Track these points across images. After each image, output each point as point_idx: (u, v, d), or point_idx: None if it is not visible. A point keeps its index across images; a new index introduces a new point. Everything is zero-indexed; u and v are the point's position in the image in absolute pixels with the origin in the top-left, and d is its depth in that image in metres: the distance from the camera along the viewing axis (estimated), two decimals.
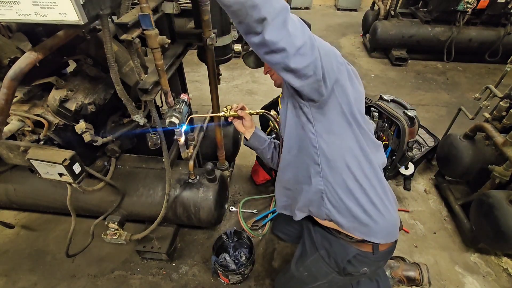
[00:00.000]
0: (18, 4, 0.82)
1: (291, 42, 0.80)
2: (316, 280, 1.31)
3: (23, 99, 1.36)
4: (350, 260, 1.20)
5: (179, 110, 1.22)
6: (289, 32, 0.79)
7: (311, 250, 1.31)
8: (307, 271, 1.33)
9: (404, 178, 2.33)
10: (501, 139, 1.76)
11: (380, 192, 1.12)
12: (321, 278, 1.30)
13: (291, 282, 1.41)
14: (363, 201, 1.09)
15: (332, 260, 1.24)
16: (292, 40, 0.80)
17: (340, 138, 1.05)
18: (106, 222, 1.56)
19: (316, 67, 0.87)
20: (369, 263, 1.20)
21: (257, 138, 1.41)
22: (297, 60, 0.84)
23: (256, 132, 1.42)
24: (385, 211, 1.11)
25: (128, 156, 1.80)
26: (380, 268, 1.38)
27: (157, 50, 1.04)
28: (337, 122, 1.03)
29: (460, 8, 3.55)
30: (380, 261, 1.23)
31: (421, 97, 3.46)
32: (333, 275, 1.26)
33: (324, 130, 1.04)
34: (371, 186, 1.10)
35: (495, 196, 1.65)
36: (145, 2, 0.92)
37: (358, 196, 1.09)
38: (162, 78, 1.14)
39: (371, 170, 1.11)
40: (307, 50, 0.84)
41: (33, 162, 1.16)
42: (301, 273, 1.34)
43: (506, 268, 1.83)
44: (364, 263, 1.20)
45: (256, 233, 1.97)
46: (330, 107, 1.00)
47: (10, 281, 1.74)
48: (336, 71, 0.96)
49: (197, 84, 3.53)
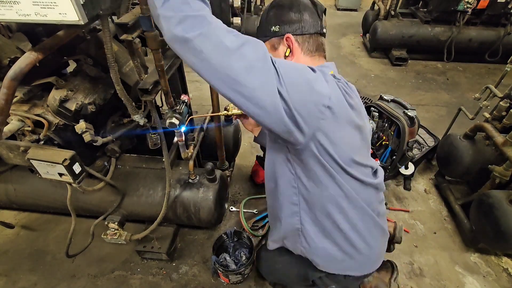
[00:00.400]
0: (18, 4, 0.82)
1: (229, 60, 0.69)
2: (287, 277, 1.34)
3: (23, 99, 1.36)
4: (320, 277, 1.16)
5: (179, 111, 1.23)
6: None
7: (291, 253, 1.24)
8: (282, 264, 1.33)
9: (404, 178, 2.33)
10: (501, 139, 1.76)
11: (364, 230, 1.04)
12: (292, 277, 1.31)
13: (269, 261, 1.43)
14: (341, 243, 1.03)
15: (301, 271, 1.21)
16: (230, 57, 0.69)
17: (320, 188, 0.94)
18: (106, 222, 1.56)
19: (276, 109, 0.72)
20: (339, 282, 1.16)
21: (265, 135, 1.38)
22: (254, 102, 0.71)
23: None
24: (365, 249, 1.05)
25: (128, 156, 1.80)
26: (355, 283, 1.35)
27: (157, 51, 1.04)
28: (318, 173, 0.90)
29: (460, 8, 3.54)
30: (353, 282, 1.19)
31: (421, 97, 3.46)
32: (301, 282, 1.26)
33: (303, 175, 0.94)
34: (353, 228, 1.02)
35: (495, 196, 1.65)
36: (144, 3, 0.92)
37: (336, 237, 1.02)
38: (162, 79, 1.14)
39: (355, 213, 1.01)
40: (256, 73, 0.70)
41: (33, 162, 1.16)
42: (276, 261, 1.35)
43: (506, 268, 1.83)
44: (334, 282, 1.16)
45: (256, 233, 1.97)
46: (308, 157, 0.87)
47: (10, 281, 1.74)
48: (318, 118, 0.79)
49: (197, 84, 3.53)
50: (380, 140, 2.32)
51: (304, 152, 0.86)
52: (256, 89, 0.70)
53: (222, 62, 0.69)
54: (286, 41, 0.98)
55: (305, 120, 0.77)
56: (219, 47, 0.68)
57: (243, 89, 0.70)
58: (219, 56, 0.68)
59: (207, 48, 0.68)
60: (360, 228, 1.03)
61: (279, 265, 1.35)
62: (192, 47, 0.68)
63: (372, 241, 1.07)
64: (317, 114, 0.79)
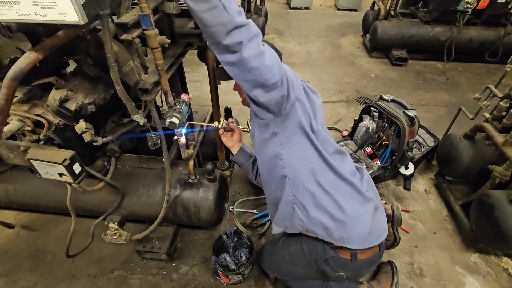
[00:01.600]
0: (18, 4, 0.82)
1: (263, 61, 0.91)
2: (294, 266, 1.39)
3: (23, 99, 1.36)
4: (327, 260, 1.24)
5: (179, 111, 1.22)
6: (262, 52, 0.91)
7: (296, 241, 1.37)
8: (289, 255, 1.41)
9: (404, 178, 2.33)
10: (501, 139, 1.76)
11: (349, 197, 1.16)
12: (298, 266, 1.40)
13: (273, 256, 1.51)
14: (329, 208, 1.14)
15: (312, 257, 1.30)
16: (264, 60, 0.92)
17: (299, 147, 1.14)
18: (106, 222, 1.56)
19: (282, 82, 1.00)
20: (346, 269, 1.23)
21: (243, 153, 1.49)
22: (269, 76, 0.95)
23: (243, 148, 1.50)
24: (355, 215, 1.15)
25: (128, 156, 1.80)
26: (362, 275, 1.41)
27: (157, 50, 1.04)
28: (296, 133, 1.13)
29: (460, 8, 3.55)
30: (360, 269, 1.26)
31: (421, 97, 3.46)
32: (310, 270, 1.33)
33: (286, 141, 1.14)
34: (337, 191, 1.15)
35: (495, 196, 1.65)
36: (145, 2, 0.91)
37: (324, 202, 1.14)
38: (162, 78, 1.14)
39: (336, 177, 1.17)
40: (275, 69, 0.95)
41: (33, 162, 1.16)
42: (284, 254, 1.43)
43: (506, 268, 1.83)
44: (340, 268, 1.24)
45: (255, 232, 1.97)
46: (291, 120, 1.11)
47: (10, 281, 1.74)
48: (296, 89, 1.10)
49: (197, 84, 3.53)
50: (380, 140, 2.33)
51: (288, 118, 1.10)
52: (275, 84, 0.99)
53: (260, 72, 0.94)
54: None
55: (292, 94, 1.08)
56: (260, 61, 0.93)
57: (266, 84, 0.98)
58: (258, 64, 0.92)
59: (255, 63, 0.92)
60: (345, 192, 1.17)
61: (287, 256, 1.41)
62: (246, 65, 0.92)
63: (361, 208, 1.17)
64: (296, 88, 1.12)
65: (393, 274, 1.61)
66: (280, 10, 5.99)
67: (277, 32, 4.99)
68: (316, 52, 4.36)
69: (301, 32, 4.99)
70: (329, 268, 1.25)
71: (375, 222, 1.19)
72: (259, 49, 0.90)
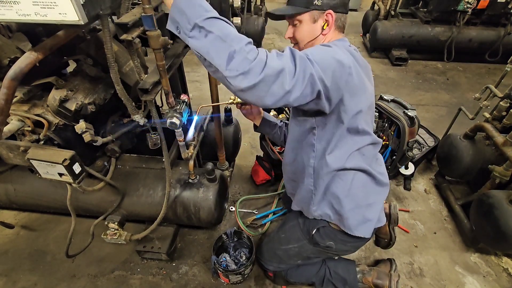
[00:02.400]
0: (18, 4, 0.82)
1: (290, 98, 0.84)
2: (289, 243, 1.45)
3: (23, 99, 1.36)
4: (318, 229, 1.31)
5: (180, 111, 1.23)
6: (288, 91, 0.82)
7: (292, 218, 1.47)
8: (284, 233, 1.49)
9: (404, 178, 2.33)
10: (501, 139, 1.76)
11: (368, 190, 1.22)
12: (293, 242, 1.44)
13: (270, 243, 1.58)
14: (346, 203, 1.19)
15: (305, 228, 1.37)
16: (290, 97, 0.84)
17: (338, 147, 1.12)
18: (106, 222, 1.56)
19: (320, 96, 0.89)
20: (335, 239, 1.31)
21: (267, 123, 1.50)
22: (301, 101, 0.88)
23: (265, 118, 1.50)
24: (368, 204, 1.22)
25: (128, 156, 1.80)
26: (349, 250, 1.45)
27: (159, 51, 1.04)
28: (337, 133, 1.08)
29: (460, 8, 3.55)
30: (347, 242, 1.32)
31: (421, 97, 3.46)
32: (304, 242, 1.40)
33: (322, 137, 1.11)
34: (358, 187, 1.19)
35: (495, 196, 1.65)
36: (147, 2, 0.91)
37: (343, 199, 1.19)
38: (163, 79, 1.14)
39: (362, 173, 1.19)
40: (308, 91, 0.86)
41: (33, 162, 1.16)
42: (279, 235, 1.51)
43: (507, 268, 1.83)
44: (330, 238, 1.31)
45: (255, 232, 1.97)
46: (332, 119, 1.05)
47: (10, 281, 1.74)
48: (342, 88, 0.95)
49: (197, 84, 3.53)
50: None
51: (331, 116, 1.03)
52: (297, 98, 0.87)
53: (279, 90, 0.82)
54: (326, 16, 1.07)
55: (333, 94, 0.93)
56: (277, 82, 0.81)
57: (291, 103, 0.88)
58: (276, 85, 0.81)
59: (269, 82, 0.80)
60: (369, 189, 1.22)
61: (282, 235, 1.49)
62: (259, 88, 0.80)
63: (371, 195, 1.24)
64: (343, 82, 0.95)
65: (391, 262, 1.70)
66: None
67: (277, 32, 4.98)
68: None
69: None
70: (319, 237, 1.32)
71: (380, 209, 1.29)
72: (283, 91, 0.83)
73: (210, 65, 0.80)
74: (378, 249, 1.88)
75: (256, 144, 2.64)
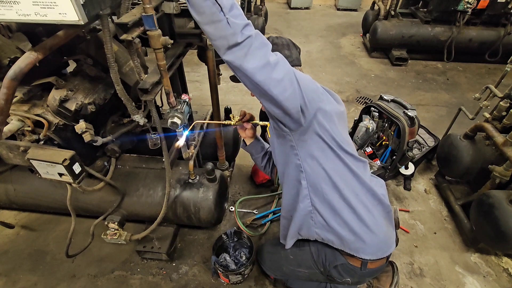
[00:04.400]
0: (18, 4, 0.82)
1: (270, 74, 0.87)
2: (299, 267, 1.38)
3: (23, 99, 1.36)
4: (336, 266, 1.24)
5: (181, 111, 1.23)
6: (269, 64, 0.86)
7: (304, 243, 1.36)
8: (294, 256, 1.40)
9: (404, 178, 2.33)
10: (501, 139, 1.76)
11: (371, 207, 1.16)
12: (303, 267, 1.37)
13: (275, 256, 1.50)
14: (350, 220, 1.13)
15: (320, 260, 1.29)
16: (271, 73, 0.87)
17: (322, 161, 1.11)
18: (106, 222, 1.56)
19: (295, 97, 0.94)
20: (354, 275, 1.24)
21: (255, 146, 1.49)
22: (277, 91, 0.89)
23: (257, 141, 1.48)
24: (375, 227, 1.15)
25: (128, 156, 1.80)
26: (365, 281, 1.43)
27: (159, 50, 1.04)
28: (319, 147, 1.09)
29: (460, 8, 3.55)
30: (366, 276, 1.27)
31: (421, 97, 3.46)
32: (316, 271, 1.34)
33: (307, 155, 1.10)
34: (361, 203, 1.14)
35: (495, 196, 1.65)
36: (148, 2, 0.91)
37: (345, 215, 1.14)
38: (164, 79, 1.14)
39: (360, 186, 1.16)
40: (285, 83, 0.90)
41: (33, 162, 1.16)
42: (287, 254, 1.42)
43: (507, 268, 1.83)
44: (349, 274, 1.24)
45: (255, 232, 1.97)
46: (310, 134, 1.07)
47: (10, 281, 1.74)
48: (317, 101, 1.03)
49: (197, 84, 3.53)
50: (380, 140, 2.32)
51: (307, 132, 1.05)
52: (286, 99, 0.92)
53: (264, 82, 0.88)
54: None
55: (310, 107, 1.00)
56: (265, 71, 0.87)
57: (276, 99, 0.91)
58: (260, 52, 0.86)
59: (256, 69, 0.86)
60: (367, 203, 1.16)
61: (291, 256, 1.40)
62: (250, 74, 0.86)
63: (380, 219, 1.18)
64: (317, 100, 1.04)
65: (394, 274, 1.61)
66: (280, 10, 5.98)
67: (277, 32, 4.98)
68: (316, 52, 4.36)
69: (301, 32, 4.99)
70: (337, 273, 1.26)
71: (388, 232, 1.20)
72: (265, 60, 0.85)
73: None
74: None
75: None
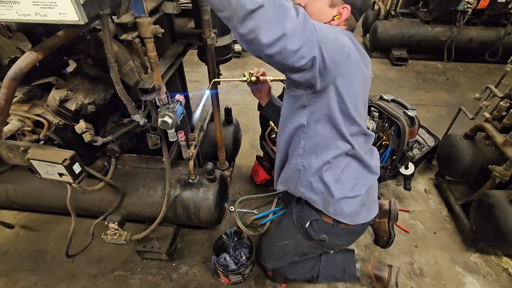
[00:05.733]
0: (18, 4, 0.82)
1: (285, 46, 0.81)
2: (284, 239, 1.47)
3: (23, 99, 1.36)
4: (311, 222, 1.32)
5: (173, 110, 1.19)
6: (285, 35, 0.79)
7: (287, 215, 1.49)
8: (279, 230, 1.52)
9: (404, 178, 2.33)
10: (501, 139, 1.76)
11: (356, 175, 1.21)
12: (288, 238, 1.46)
13: (267, 241, 1.61)
14: (332, 185, 1.18)
15: (299, 223, 1.38)
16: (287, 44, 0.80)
17: (326, 128, 1.10)
18: (106, 222, 1.56)
19: (314, 64, 0.87)
20: (327, 232, 1.31)
21: (272, 105, 1.46)
22: (293, 60, 0.85)
23: (272, 99, 1.46)
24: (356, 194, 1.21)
25: (128, 156, 1.80)
26: (342, 244, 1.46)
27: (149, 40, 1.00)
28: (327, 113, 1.06)
29: (460, 8, 3.55)
30: (340, 235, 1.32)
31: (421, 97, 3.46)
32: (298, 237, 1.41)
33: (314, 118, 1.08)
34: (347, 171, 1.18)
35: (495, 196, 1.65)
36: None
37: (328, 179, 1.17)
38: (154, 72, 1.09)
39: (350, 158, 1.18)
40: (304, 51, 0.83)
41: (33, 162, 1.16)
42: (275, 233, 1.54)
43: (507, 268, 1.83)
44: (323, 231, 1.31)
45: (255, 231, 1.97)
46: (322, 100, 1.02)
47: (10, 281, 1.74)
48: (340, 64, 0.94)
49: (197, 84, 3.53)
50: (380, 140, 2.32)
51: (321, 96, 1.00)
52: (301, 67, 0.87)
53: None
54: (342, 8, 1.05)
55: (329, 72, 0.92)
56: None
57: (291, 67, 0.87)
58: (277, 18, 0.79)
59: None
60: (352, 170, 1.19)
61: (278, 232, 1.52)
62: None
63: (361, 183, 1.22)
64: (340, 62, 0.94)
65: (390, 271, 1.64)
66: None
67: None
68: None
69: None
70: (312, 231, 1.32)
71: (369, 198, 1.27)
72: (282, 31, 0.79)
73: None
74: (378, 249, 1.89)
75: (256, 144, 2.63)
